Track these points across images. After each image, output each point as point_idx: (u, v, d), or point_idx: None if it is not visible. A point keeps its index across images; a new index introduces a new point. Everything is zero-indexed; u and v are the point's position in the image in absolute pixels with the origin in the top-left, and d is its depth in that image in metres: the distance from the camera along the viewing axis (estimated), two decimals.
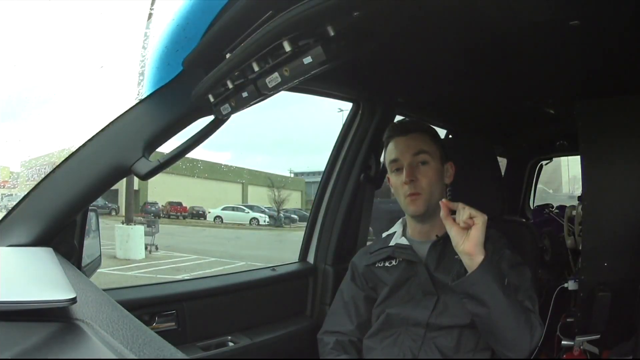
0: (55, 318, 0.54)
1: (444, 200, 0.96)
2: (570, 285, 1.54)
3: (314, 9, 0.55)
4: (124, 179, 1.23)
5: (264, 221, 14.60)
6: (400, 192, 1.09)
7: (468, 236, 0.91)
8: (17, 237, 0.80)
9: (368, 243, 1.51)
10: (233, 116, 0.82)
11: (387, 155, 1.13)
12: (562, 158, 3.26)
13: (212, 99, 0.78)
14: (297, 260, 1.55)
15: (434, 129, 1.17)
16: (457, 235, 0.93)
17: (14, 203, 0.83)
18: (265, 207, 15.29)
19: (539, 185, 3.08)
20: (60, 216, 0.83)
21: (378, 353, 1.06)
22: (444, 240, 1.09)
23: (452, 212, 0.96)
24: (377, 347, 1.07)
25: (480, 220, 0.91)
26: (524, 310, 0.94)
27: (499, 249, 1.06)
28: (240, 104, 0.76)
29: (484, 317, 0.92)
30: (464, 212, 0.92)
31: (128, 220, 9.17)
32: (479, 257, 0.91)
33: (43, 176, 0.83)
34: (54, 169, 0.83)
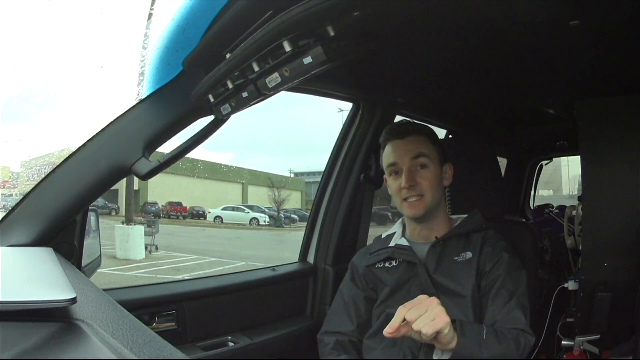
0: (55, 318, 0.54)
1: (386, 330, 0.83)
2: (570, 285, 1.54)
3: (314, 9, 0.55)
4: (124, 179, 1.23)
5: (264, 221, 14.61)
6: (398, 196, 1.09)
7: (438, 341, 0.86)
8: (17, 237, 0.80)
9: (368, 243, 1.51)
10: (235, 117, 0.82)
11: (384, 158, 1.13)
12: (562, 158, 3.27)
13: (212, 99, 0.78)
14: (297, 260, 1.55)
15: (432, 130, 1.16)
16: (425, 340, 0.85)
17: (14, 204, 0.83)
18: (265, 207, 15.30)
19: (539, 192, 3.08)
20: (60, 216, 0.83)
21: (378, 353, 1.06)
22: (443, 242, 1.09)
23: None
24: (377, 347, 1.07)
25: (445, 329, 0.83)
26: (507, 338, 0.93)
27: (497, 252, 1.06)
28: (240, 104, 0.75)
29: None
30: (426, 335, 0.82)
31: (128, 220, 9.17)
32: (453, 345, 0.87)
33: (43, 176, 0.83)
34: (54, 169, 0.83)
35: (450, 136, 1.91)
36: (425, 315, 0.82)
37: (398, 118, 1.59)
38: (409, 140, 1.09)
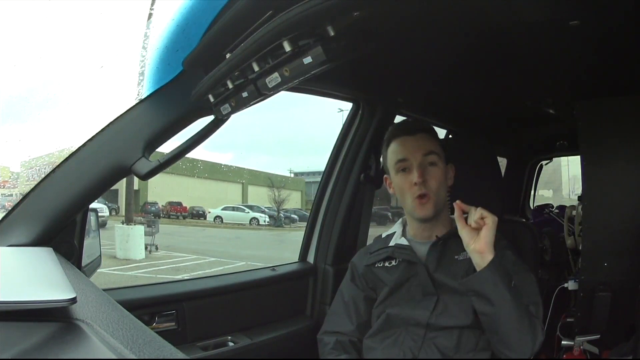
0: (55, 318, 0.54)
1: (458, 202, 0.97)
2: (570, 285, 1.54)
3: (314, 9, 0.55)
4: (124, 179, 1.23)
5: (264, 221, 14.60)
6: (408, 194, 1.07)
7: (479, 236, 0.94)
8: (17, 237, 0.80)
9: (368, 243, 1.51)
10: (236, 117, 0.82)
11: (390, 155, 1.11)
12: (562, 158, 3.27)
13: (212, 99, 0.78)
14: (297, 260, 1.55)
15: (436, 131, 1.17)
16: (468, 235, 0.95)
17: (14, 204, 0.83)
18: (265, 207, 15.29)
19: (539, 192, 3.08)
20: (60, 216, 0.83)
21: (378, 353, 1.06)
22: (444, 241, 1.09)
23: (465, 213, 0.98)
24: (377, 347, 1.07)
25: (490, 220, 0.93)
26: (528, 314, 0.95)
27: (500, 250, 1.05)
28: (240, 104, 0.76)
29: (490, 316, 0.93)
30: (476, 213, 0.95)
31: (128, 220, 9.17)
32: (489, 256, 0.93)
33: (43, 176, 0.83)
34: (54, 169, 0.83)
35: (450, 136, 1.91)
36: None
37: (398, 118, 1.59)
38: (420, 137, 1.08)
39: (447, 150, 1.14)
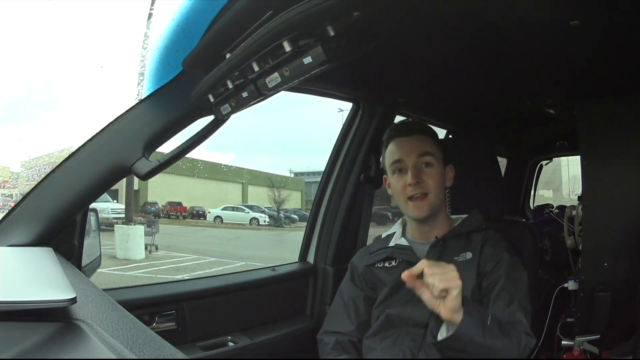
0: (55, 318, 0.54)
1: (405, 272, 0.88)
2: (570, 285, 1.54)
3: (314, 9, 0.55)
4: (124, 179, 1.23)
5: (264, 221, 14.60)
6: (402, 195, 1.08)
7: (444, 304, 0.85)
8: (17, 237, 0.80)
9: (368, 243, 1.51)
10: (236, 118, 0.82)
11: (387, 156, 1.12)
12: (562, 158, 3.27)
13: (212, 99, 0.78)
14: (297, 260, 1.55)
15: (435, 131, 1.16)
16: (431, 302, 0.87)
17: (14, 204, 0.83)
18: (265, 207, 15.29)
19: (539, 192, 3.08)
20: (60, 216, 0.83)
21: (378, 353, 1.06)
22: (444, 242, 1.09)
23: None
24: (377, 347, 1.07)
25: (455, 291, 0.84)
26: (509, 335, 0.93)
27: (498, 252, 1.06)
28: (240, 104, 0.76)
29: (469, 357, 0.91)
30: (435, 286, 0.84)
31: (128, 220, 9.17)
32: (458, 318, 0.87)
33: (43, 176, 0.83)
34: (54, 169, 0.83)
35: (450, 136, 1.91)
36: (441, 273, 0.85)
37: (398, 118, 1.59)
38: (416, 138, 1.09)
39: (448, 151, 1.14)
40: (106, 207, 11.28)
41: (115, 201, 11.36)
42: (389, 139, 1.12)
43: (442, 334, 0.91)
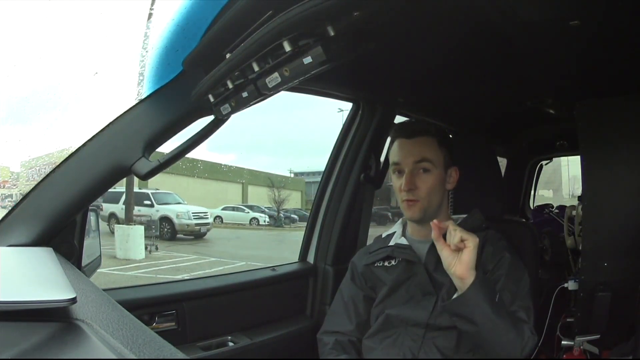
0: (55, 318, 0.54)
1: (435, 221, 0.94)
2: (570, 285, 1.54)
3: (314, 9, 0.55)
4: (124, 179, 1.23)
5: (264, 221, 14.58)
6: (399, 195, 1.09)
7: (459, 259, 0.91)
8: (17, 237, 0.80)
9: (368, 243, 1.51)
10: (239, 119, 0.82)
11: (391, 154, 1.13)
12: (562, 158, 3.27)
13: (212, 99, 0.78)
14: (297, 260, 1.55)
15: (443, 131, 1.16)
16: (449, 258, 0.92)
17: (14, 204, 0.83)
18: (265, 207, 15.27)
19: (539, 192, 3.08)
20: (60, 216, 0.83)
21: (378, 353, 1.06)
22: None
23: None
24: (377, 347, 1.07)
25: (471, 243, 0.91)
26: (515, 324, 0.94)
27: (499, 251, 1.06)
28: (240, 104, 0.75)
29: (473, 333, 0.93)
30: (455, 234, 0.92)
31: (128, 220, 9.16)
32: (470, 279, 0.90)
33: (43, 176, 0.83)
34: (54, 169, 0.83)
35: (450, 136, 1.91)
36: (461, 230, 0.92)
37: (398, 118, 1.59)
38: (416, 142, 1.08)
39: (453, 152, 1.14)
40: (183, 210, 10.52)
41: (185, 202, 10.94)
42: (393, 138, 1.13)
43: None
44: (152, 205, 10.54)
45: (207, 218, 10.93)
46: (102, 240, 1.11)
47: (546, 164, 2.98)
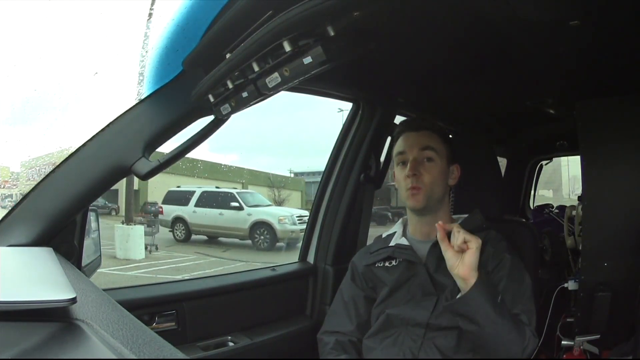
0: (55, 318, 0.54)
1: (440, 222, 0.97)
2: (570, 285, 1.54)
3: (314, 9, 0.55)
4: (124, 179, 1.23)
5: None
6: (402, 186, 1.10)
7: (462, 260, 0.93)
8: (17, 237, 0.80)
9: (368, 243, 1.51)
10: (240, 120, 0.82)
11: (394, 148, 1.15)
12: (562, 158, 3.27)
13: (212, 99, 0.78)
14: (297, 260, 1.55)
15: (445, 130, 1.17)
16: (452, 259, 0.94)
17: (14, 204, 0.83)
18: None
19: (539, 192, 3.08)
20: (60, 216, 0.83)
21: (378, 353, 1.06)
22: None
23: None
24: (377, 347, 1.07)
25: (474, 245, 0.93)
26: (517, 325, 0.95)
27: (500, 252, 1.06)
28: (240, 104, 0.76)
29: (475, 334, 0.94)
30: (459, 236, 0.93)
31: (128, 220, 9.15)
32: (472, 280, 0.92)
33: (43, 176, 0.83)
34: (54, 169, 0.83)
35: (450, 136, 1.91)
36: (465, 232, 0.94)
37: (398, 118, 1.59)
38: (421, 134, 1.11)
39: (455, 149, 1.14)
40: (286, 213, 8.67)
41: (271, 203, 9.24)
42: (398, 133, 1.15)
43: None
44: (240, 208, 8.89)
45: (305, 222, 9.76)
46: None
47: (546, 164, 2.98)
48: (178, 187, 9.79)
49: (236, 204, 8.85)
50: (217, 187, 9.50)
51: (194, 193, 8.58)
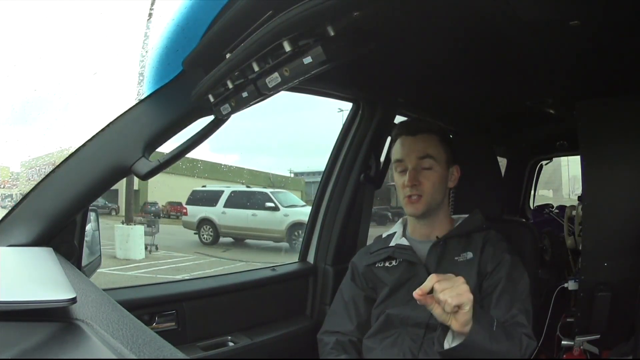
0: (55, 318, 0.54)
1: (416, 292, 0.87)
2: (570, 285, 1.54)
3: (314, 9, 0.55)
4: (124, 179, 1.23)
5: None
6: (401, 192, 1.10)
7: (456, 318, 0.86)
8: (17, 237, 0.80)
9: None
10: (241, 120, 0.82)
11: (393, 152, 1.13)
12: (562, 158, 3.27)
13: (212, 99, 0.78)
14: (297, 260, 1.55)
15: (444, 130, 1.16)
16: (442, 316, 0.87)
17: (14, 204, 0.83)
18: None
19: (539, 192, 3.09)
20: (60, 216, 0.83)
21: (378, 353, 1.06)
22: (444, 242, 1.09)
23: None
24: (377, 347, 1.07)
25: (467, 305, 0.85)
26: (513, 336, 0.94)
27: (499, 253, 1.06)
28: (240, 104, 0.76)
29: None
30: (447, 304, 0.84)
31: (128, 220, 9.14)
32: (467, 328, 0.87)
33: (43, 176, 0.83)
34: (54, 169, 0.83)
35: (450, 136, 1.91)
36: (452, 288, 0.85)
37: (398, 118, 1.59)
38: (419, 139, 1.09)
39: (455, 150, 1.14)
40: None
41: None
42: (395, 136, 1.14)
43: (448, 341, 0.92)
44: (276, 209, 8.30)
45: None
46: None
47: (546, 164, 2.98)
48: (204, 186, 9.17)
49: (272, 204, 8.34)
50: (248, 187, 8.92)
51: (222, 193, 8.11)
